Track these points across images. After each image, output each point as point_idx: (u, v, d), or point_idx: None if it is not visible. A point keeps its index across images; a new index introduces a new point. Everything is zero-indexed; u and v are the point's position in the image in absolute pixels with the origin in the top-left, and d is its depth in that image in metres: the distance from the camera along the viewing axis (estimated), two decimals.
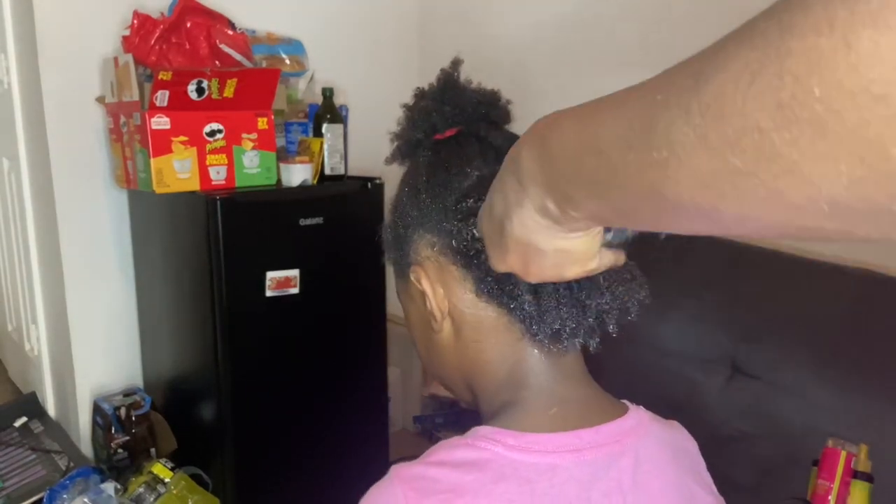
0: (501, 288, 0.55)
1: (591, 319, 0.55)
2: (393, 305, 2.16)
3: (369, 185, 1.95)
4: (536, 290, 0.54)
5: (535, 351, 0.57)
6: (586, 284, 0.54)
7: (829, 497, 1.05)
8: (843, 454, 1.06)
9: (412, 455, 0.54)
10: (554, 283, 0.53)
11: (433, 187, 0.59)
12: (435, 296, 0.59)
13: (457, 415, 2.41)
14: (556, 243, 0.44)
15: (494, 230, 0.47)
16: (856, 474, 1.06)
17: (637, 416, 0.58)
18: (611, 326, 0.55)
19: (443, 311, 0.59)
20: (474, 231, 0.55)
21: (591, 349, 0.56)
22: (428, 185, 0.59)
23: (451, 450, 0.52)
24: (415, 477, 0.50)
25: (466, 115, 0.61)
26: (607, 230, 0.45)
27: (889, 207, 0.24)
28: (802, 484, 1.11)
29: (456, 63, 0.64)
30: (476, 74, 0.66)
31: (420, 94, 0.64)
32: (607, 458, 0.53)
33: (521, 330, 0.57)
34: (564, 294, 0.54)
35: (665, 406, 0.61)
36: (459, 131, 0.61)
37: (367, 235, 2.13)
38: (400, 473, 0.51)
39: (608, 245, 0.46)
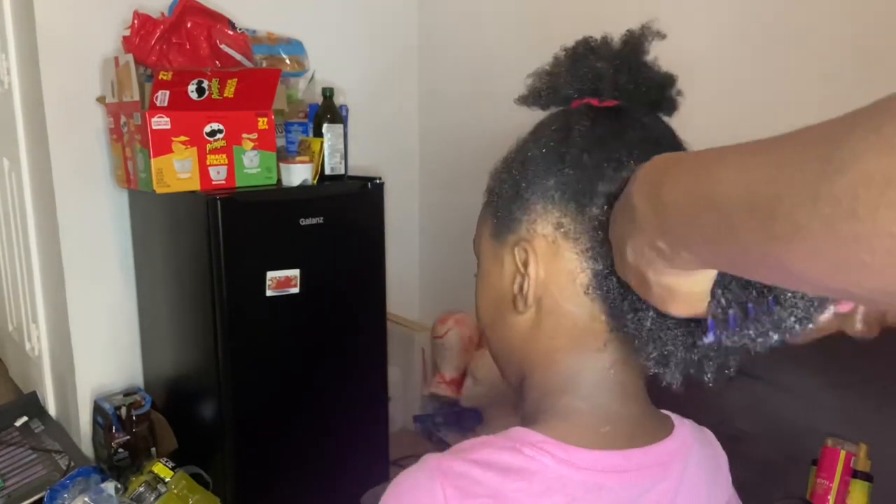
0: (625, 294, 0.50)
1: (694, 358, 0.50)
2: (393, 305, 2.16)
3: (369, 185, 1.95)
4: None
5: (608, 365, 0.54)
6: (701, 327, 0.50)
7: (829, 496, 1.05)
8: (843, 453, 1.06)
9: (412, 455, 0.53)
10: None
11: (584, 166, 0.51)
12: (536, 279, 0.53)
13: (457, 415, 2.41)
14: (661, 279, 0.43)
15: (615, 245, 0.47)
16: (855, 473, 1.06)
17: (682, 436, 0.56)
18: (708, 375, 0.51)
19: (536, 297, 0.54)
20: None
21: (673, 387, 0.52)
22: (578, 160, 0.51)
23: (497, 451, 0.48)
24: (456, 474, 0.47)
25: (636, 91, 0.53)
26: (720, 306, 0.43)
27: None
28: (802, 483, 1.11)
29: (647, 30, 0.54)
30: (477, 74, 0.66)
31: (593, 48, 0.55)
32: (651, 480, 0.52)
33: (607, 340, 0.53)
34: (683, 323, 0.49)
35: (664, 405, 0.61)
36: (620, 105, 0.53)
37: (367, 235, 2.14)
38: (441, 466, 0.47)
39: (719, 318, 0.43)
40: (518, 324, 0.56)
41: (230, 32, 1.91)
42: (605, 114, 0.53)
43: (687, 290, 0.43)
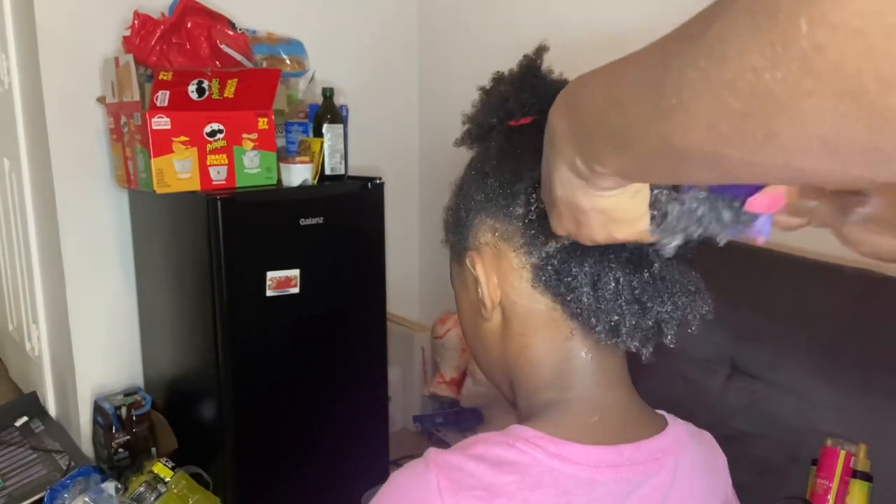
0: (560, 278, 0.54)
1: (650, 322, 0.53)
2: (393, 305, 2.16)
3: (369, 185, 1.95)
4: (595, 283, 0.52)
5: (583, 353, 0.56)
6: (649, 288, 0.52)
7: (829, 496, 1.05)
8: (842, 453, 1.06)
9: (412, 455, 0.54)
10: (615, 281, 0.52)
11: (503, 173, 0.57)
12: (488, 284, 0.57)
13: (457, 415, 2.42)
14: (594, 202, 0.43)
15: (546, 193, 0.48)
16: (855, 473, 1.06)
17: (675, 433, 0.57)
18: (669, 336, 0.53)
19: (494, 300, 0.58)
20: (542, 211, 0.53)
21: (643, 358, 0.54)
22: (497, 170, 0.57)
23: (490, 446, 0.50)
24: (452, 467, 0.49)
25: (544, 103, 0.57)
26: (656, 202, 0.44)
27: (875, 144, 0.24)
28: (801, 483, 1.11)
29: (540, 50, 0.61)
30: (477, 74, 0.66)
31: (498, 79, 0.62)
32: (643, 476, 0.53)
33: (572, 328, 0.55)
34: (625, 291, 0.52)
35: (664, 405, 0.61)
36: (535, 120, 0.58)
37: (367, 235, 2.14)
38: (437, 460, 0.49)
39: (659, 221, 0.44)
40: (490, 331, 0.60)
41: (230, 32, 1.91)
42: (519, 129, 0.59)
43: (623, 207, 0.43)
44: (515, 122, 0.59)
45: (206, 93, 1.71)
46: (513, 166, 0.56)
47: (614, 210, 0.44)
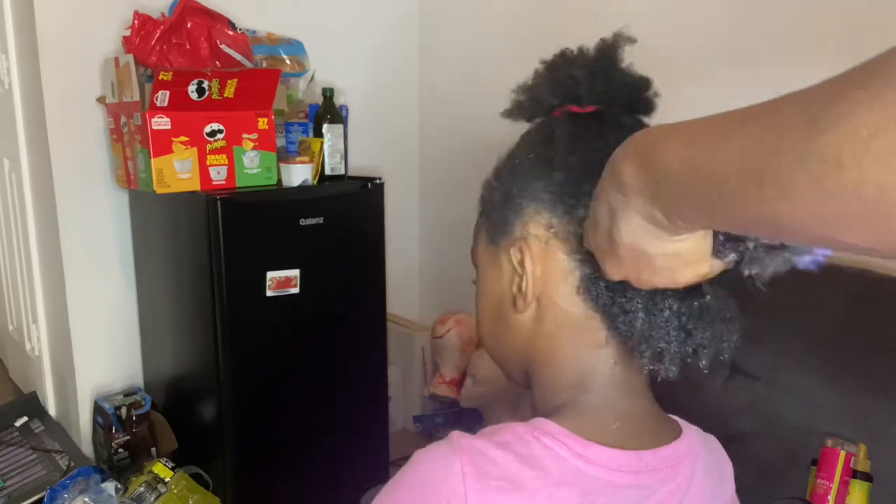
0: (614, 297, 0.52)
1: (689, 349, 0.52)
2: (393, 305, 2.16)
3: (369, 185, 1.95)
4: (649, 308, 0.51)
5: (612, 362, 0.55)
6: (695, 315, 0.52)
7: (829, 496, 1.05)
8: (843, 454, 1.06)
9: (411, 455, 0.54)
10: (669, 308, 0.51)
11: (571, 166, 0.53)
12: (534, 278, 0.55)
13: (457, 415, 2.41)
14: (665, 247, 0.44)
15: (603, 240, 0.47)
16: (855, 474, 1.06)
17: (689, 440, 0.57)
18: (703, 362, 0.52)
19: (535, 294, 0.56)
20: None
21: (670, 376, 0.53)
22: (562, 163, 0.54)
23: (517, 437, 0.49)
24: (477, 451, 0.48)
25: (613, 95, 0.56)
26: (724, 245, 0.44)
27: None
28: (801, 483, 1.11)
29: (619, 37, 0.57)
30: (477, 74, 0.66)
31: (570, 58, 0.58)
32: (659, 482, 0.53)
33: (607, 337, 0.54)
34: (673, 318, 0.51)
35: (664, 405, 0.61)
36: (599, 110, 0.56)
37: (367, 235, 2.14)
38: (462, 444, 0.48)
39: (721, 255, 0.44)
40: (520, 324, 0.58)
41: (230, 32, 1.91)
42: (585, 118, 0.56)
43: (694, 249, 0.44)
44: (580, 109, 0.56)
45: (206, 93, 1.71)
46: (580, 162, 0.53)
47: (684, 254, 0.44)
